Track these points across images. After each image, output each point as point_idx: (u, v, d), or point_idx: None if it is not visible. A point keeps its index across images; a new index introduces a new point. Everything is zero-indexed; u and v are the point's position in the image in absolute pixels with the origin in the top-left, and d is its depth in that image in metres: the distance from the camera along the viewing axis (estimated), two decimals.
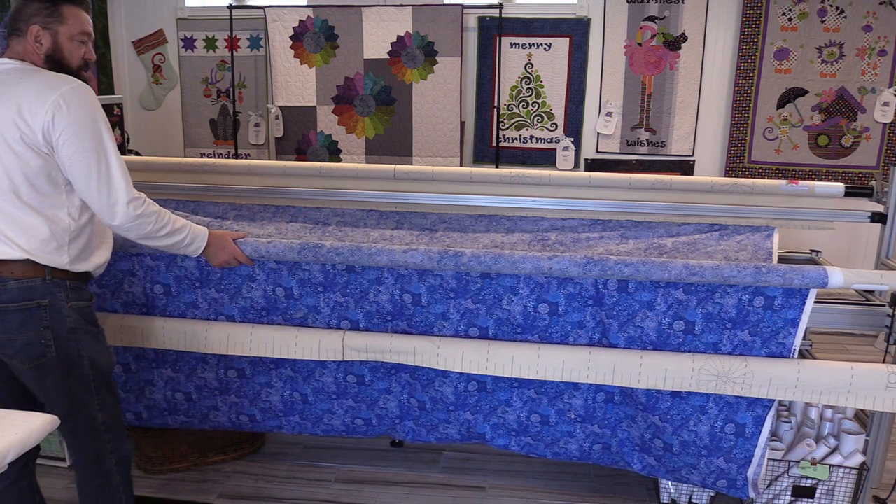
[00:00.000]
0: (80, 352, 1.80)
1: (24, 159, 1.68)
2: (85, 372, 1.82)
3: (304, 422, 2.38)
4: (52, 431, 1.84)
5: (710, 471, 2.16)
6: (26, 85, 1.69)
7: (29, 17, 1.77)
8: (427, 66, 4.33)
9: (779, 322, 1.99)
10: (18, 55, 1.78)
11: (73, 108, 1.68)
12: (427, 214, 2.57)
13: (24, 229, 1.71)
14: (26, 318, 1.74)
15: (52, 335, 1.76)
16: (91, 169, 1.71)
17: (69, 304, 1.78)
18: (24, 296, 1.73)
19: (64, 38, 1.79)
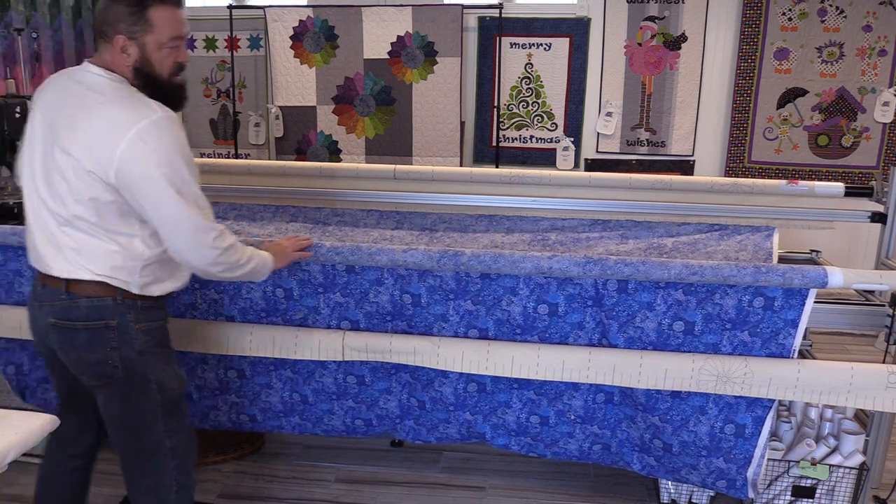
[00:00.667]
0: (147, 375, 1.73)
1: (96, 190, 1.58)
2: (152, 395, 1.75)
3: (304, 422, 2.38)
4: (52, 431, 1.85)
5: (709, 471, 2.16)
6: (105, 116, 1.57)
7: (114, 21, 1.61)
8: (427, 66, 4.33)
9: (779, 322, 1.99)
10: (106, 64, 1.65)
11: (149, 148, 1.55)
12: (427, 214, 2.58)
13: (95, 254, 1.64)
14: (94, 338, 1.69)
15: (119, 356, 1.70)
16: (174, 212, 1.60)
17: (138, 325, 1.71)
18: (93, 315, 1.67)
19: (152, 49, 1.64)
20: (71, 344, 1.71)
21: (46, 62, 3.95)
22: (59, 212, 1.63)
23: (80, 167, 1.57)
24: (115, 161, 1.54)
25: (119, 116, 1.56)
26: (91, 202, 1.59)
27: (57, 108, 1.65)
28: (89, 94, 1.60)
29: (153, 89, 1.65)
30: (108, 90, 1.60)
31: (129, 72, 1.64)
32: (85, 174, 1.57)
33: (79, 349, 1.71)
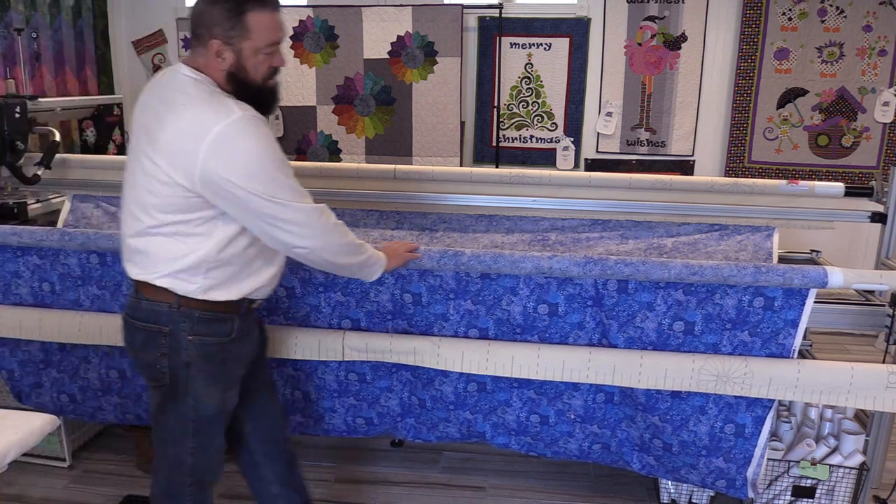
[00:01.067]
0: (187, 388, 1.70)
1: (171, 191, 1.55)
2: (186, 410, 1.71)
3: (305, 420, 2.38)
4: (52, 431, 1.85)
5: (709, 471, 2.16)
6: (185, 118, 1.53)
7: (210, 25, 1.56)
8: (427, 66, 4.33)
9: (779, 322, 1.99)
10: (199, 66, 1.61)
11: (233, 150, 1.51)
12: (427, 214, 2.57)
13: (164, 255, 1.62)
14: (148, 340, 1.69)
15: (167, 363, 1.68)
16: (272, 211, 1.56)
17: (192, 336, 1.67)
18: (150, 318, 1.67)
19: (248, 54, 1.59)
20: (130, 341, 1.74)
21: (46, 62, 3.95)
22: (138, 213, 1.62)
23: (164, 172, 1.55)
24: (199, 165, 1.51)
25: (198, 119, 1.52)
26: (173, 206, 1.57)
27: (149, 108, 1.64)
28: (177, 95, 1.58)
29: (245, 94, 1.61)
30: (193, 91, 1.57)
31: (222, 76, 1.60)
32: (169, 178, 1.54)
33: (135, 347, 1.73)
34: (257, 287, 1.73)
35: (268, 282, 1.77)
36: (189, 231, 1.60)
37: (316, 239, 1.65)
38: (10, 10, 3.64)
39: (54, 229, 2.27)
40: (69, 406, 2.46)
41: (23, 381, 2.44)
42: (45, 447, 2.63)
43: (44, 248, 2.26)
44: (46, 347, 2.38)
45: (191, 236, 1.60)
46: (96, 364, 2.37)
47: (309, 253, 1.67)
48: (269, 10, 1.59)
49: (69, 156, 2.80)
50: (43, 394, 2.45)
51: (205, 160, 1.50)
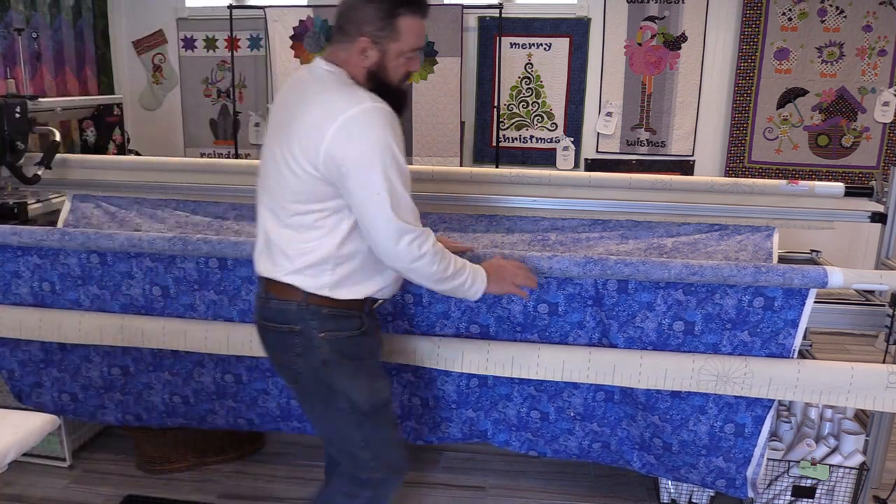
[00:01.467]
0: (333, 385, 1.68)
1: (299, 179, 1.56)
2: (341, 405, 1.70)
3: (303, 424, 2.38)
4: (52, 431, 1.85)
5: (709, 470, 2.16)
6: (319, 104, 1.55)
7: (360, 22, 1.58)
8: (427, 66, 4.33)
9: (779, 322, 1.99)
10: (338, 60, 1.62)
11: (356, 135, 1.51)
12: (428, 214, 2.57)
13: (292, 251, 1.61)
14: (280, 341, 1.68)
15: (303, 363, 1.67)
16: (370, 204, 1.53)
17: (322, 333, 1.64)
18: (279, 318, 1.66)
19: (392, 56, 1.61)
20: (265, 343, 1.74)
21: (46, 62, 3.95)
22: (270, 205, 1.63)
23: (293, 158, 1.55)
24: (323, 149, 1.51)
25: (330, 104, 1.54)
26: (301, 194, 1.57)
27: (284, 103, 1.66)
28: (311, 86, 1.60)
29: (380, 93, 1.60)
30: (327, 81, 1.60)
31: (363, 73, 1.61)
32: (297, 165, 1.55)
33: (270, 349, 1.73)
34: (382, 287, 1.72)
35: (392, 281, 1.75)
36: (314, 224, 1.59)
37: (388, 257, 1.60)
38: (10, 10, 3.64)
39: (54, 229, 2.27)
40: (70, 405, 2.46)
41: (23, 381, 2.44)
42: (45, 447, 2.63)
43: (44, 248, 2.27)
44: (47, 347, 2.38)
45: (316, 229, 1.59)
46: (98, 362, 2.38)
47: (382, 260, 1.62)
48: (420, 15, 1.61)
49: (69, 156, 2.80)
50: (43, 393, 2.45)
51: (329, 142, 1.50)
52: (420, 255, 1.58)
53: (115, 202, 2.69)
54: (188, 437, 2.63)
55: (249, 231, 2.59)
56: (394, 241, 1.56)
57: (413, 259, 1.58)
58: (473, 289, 1.73)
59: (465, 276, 1.70)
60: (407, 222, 1.56)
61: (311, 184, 1.56)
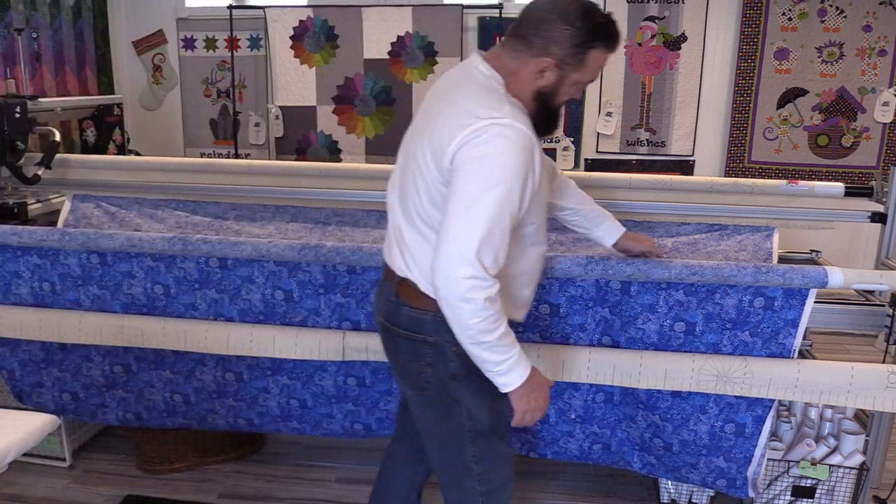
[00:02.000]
0: (458, 400, 1.62)
1: (431, 182, 1.48)
2: (462, 421, 1.63)
3: (302, 425, 2.38)
4: (52, 431, 1.85)
5: (709, 470, 2.16)
6: (458, 109, 1.46)
7: (550, 41, 1.47)
8: (427, 66, 4.33)
9: (779, 322, 1.99)
10: (505, 69, 1.51)
11: (481, 144, 1.39)
12: None
13: (423, 254, 1.53)
14: (412, 350, 1.61)
15: (432, 373, 1.60)
16: (454, 213, 1.40)
17: (455, 347, 1.53)
18: (413, 326, 1.59)
19: (569, 83, 1.52)
20: (391, 348, 1.69)
21: (46, 62, 3.95)
22: (405, 207, 1.57)
23: (424, 158, 1.49)
24: (450, 152, 1.43)
25: (469, 110, 1.44)
26: (431, 200, 1.50)
27: (433, 98, 1.60)
28: (459, 86, 1.53)
29: (540, 114, 1.53)
30: (477, 84, 1.50)
31: (530, 91, 1.51)
32: (426, 165, 1.49)
33: (397, 355, 1.68)
34: (516, 307, 1.65)
35: (524, 302, 1.69)
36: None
37: (438, 277, 1.42)
38: (10, 10, 3.64)
39: (54, 229, 2.27)
40: (71, 405, 2.46)
41: (24, 381, 2.44)
42: (45, 447, 2.63)
43: (44, 248, 2.26)
44: (47, 347, 2.38)
45: None
46: (99, 361, 2.37)
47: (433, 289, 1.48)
48: (609, 52, 1.54)
49: (69, 156, 2.80)
50: (44, 393, 2.45)
51: (457, 146, 1.42)
52: (469, 299, 1.39)
53: (115, 202, 2.69)
54: (188, 437, 2.63)
55: (249, 231, 2.59)
56: (455, 265, 1.39)
57: (460, 298, 1.39)
58: (507, 377, 1.50)
59: (505, 358, 1.48)
60: (481, 261, 1.39)
61: (437, 189, 1.47)
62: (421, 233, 1.54)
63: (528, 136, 1.43)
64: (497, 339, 1.45)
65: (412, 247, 1.56)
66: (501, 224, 1.41)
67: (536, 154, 1.46)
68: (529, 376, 1.52)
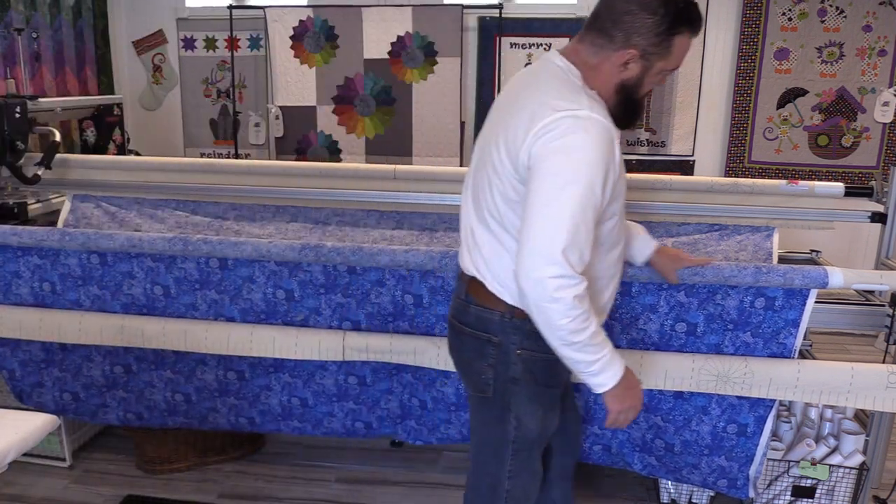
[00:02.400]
0: (510, 405, 1.58)
1: (509, 184, 1.44)
2: (507, 428, 1.60)
3: (303, 424, 2.38)
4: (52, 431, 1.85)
5: (711, 470, 2.16)
6: (534, 102, 1.42)
7: (633, 32, 1.42)
8: (427, 66, 4.33)
9: (780, 322, 1.99)
10: (584, 64, 1.47)
11: (559, 137, 1.35)
12: (427, 214, 2.57)
13: (493, 253, 1.51)
14: (476, 349, 1.59)
15: (493, 375, 1.58)
16: (535, 211, 1.36)
17: (520, 350, 1.54)
18: (479, 325, 1.57)
19: (654, 72, 1.47)
20: (456, 346, 1.67)
21: (46, 62, 3.95)
22: (478, 206, 1.55)
23: (499, 155, 1.46)
24: (525, 147, 1.39)
25: (544, 103, 1.40)
26: (504, 198, 1.47)
27: (506, 97, 1.58)
28: (535, 81, 1.49)
29: (623, 106, 1.49)
30: (554, 77, 1.47)
31: (612, 84, 1.47)
32: (500, 163, 1.46)
33: (461, 353, 1.66)
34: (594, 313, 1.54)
35: (601, 308, 1.60)
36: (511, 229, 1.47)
37: (524, 280, 1.38)
38: (10, 10, 3.64)
39: (55, 229, 2.27)
40: (72, 405, 2.46)
41: (24, 381, 2.44)
42: (45, 447, 2.63)
43: (44, 249, 2.26)
44: (48, 347, 2.38)
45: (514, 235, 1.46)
46: (100, 361, 2.38)
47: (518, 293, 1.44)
48: (694, 35, 1.49)
49: (69, 156, 2.80)
50: (44, 393, 2.45)
51: (533, 140, 1.38)
52: (558, 298, 1.35)
53: (115, 202, 2.69)
54: (188, 437, 2.63)
55: (249, 231, 2.59)
56: (541, 265, 1.35)
57: (549, 298, 1.35)
58: (600, 377, 1.46)
59: (598, 357, 1.43)
60: (567, 258, 1.34)
61: (513, 186, 1.44)
62: (492, 231, 1.51)
63: (607, 128, 1.40)
64: (588, 338, 1.41)
65: (482, 246, 1.54)
66: (585, 219, 1.36)
67: (616, 146, 1.43)
68: (623, 375, 1.48)
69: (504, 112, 1.52)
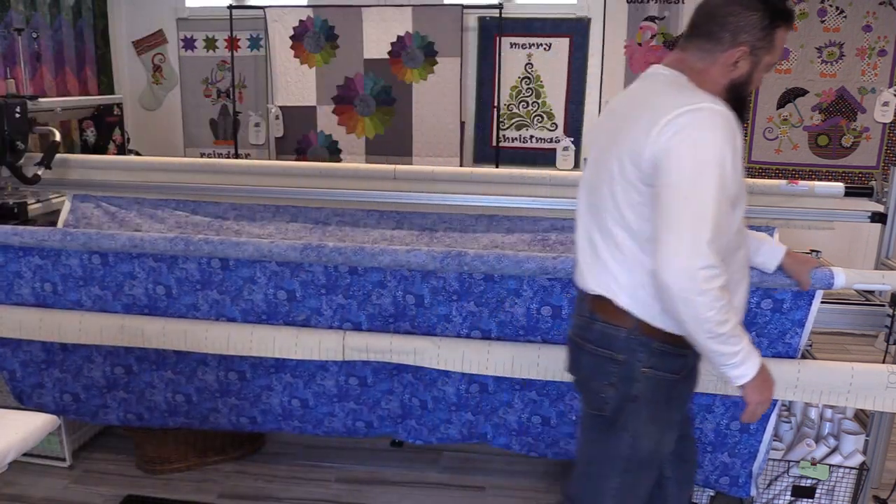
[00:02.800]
0: (626, 423, 1.55)
1: (632, 187, 1.44)
2: (620, 447, 1.57)
3: (304, 424, 2.38)
4: (52, 431, 1.85)
5: (714, 467, 2.17)
6: (650, 105, 1.44)
7: (738, 30, 1.45)
8: (427, 66, 4.33)
9: (786, 323, 2.00)
10: (692, 69, 1.50)
11: (683, 130, 1.36)
12: (427, 214, 2.57)
13: (622, 266, 1.49)
14: (596, 367, 1.57)
15: (613, 393, 1.54)
16: (672, 206, 1.36)
17: (644, 368, 1.51)
18: (603, 342, 1.54)
19: (762, 68, 1.50)
20: (577, 364, 1.65)
21: (46, 62, 3.95)
22: (601, 222, 1.53)
23: (625, 165, 1.45)
24: (650, 148, 1.39)
25: (661, 104, 1.42)
26: (632, 206, 1.46)
27: (613, 113, 1.59)
28: (649, 90, 1.52)
29: (731, 105, 1.47)
30: (663, 83, 1.50)
31: (723, 84, 1.49)
32: (625, 172, 1.45)
33: (580, 371, 1.63)
34: None
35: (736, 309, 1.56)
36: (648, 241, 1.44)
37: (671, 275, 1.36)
38: (10, 10, 3.64)
39: (56, 229, 2.27)
40: (72, 405, 2.46)
41: (24, 382, 2.44)
42: (45, 447, 2.62)
43: (45, 249, 2.26)
44: (48, 347, 2.38)
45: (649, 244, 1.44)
46: (100, 362, 2.38)
47: (660, 291, 1.42)
48: (790, 28, 1.51)
49: (69, 156, 2.80)
50: (45, 394, 2.45)
51: (655, 138, 1.38)
52: (705, 290, 1.35)
53: (115, 202, 2.69)
54: (188, 437, 2.63)
55: (249, 231, 2.59)
56: (688, 257, 1.34)
57: (697, 290, 1.34)
58: (741, 368, 1.45)
59: (739, 348, 1.43)
60: (711, 249, 1.35)
61: (640, 190, 1.44)
62: (618, 244, 1.50)
63: (728, 117, 1.41)
64: (731, 329, 1.40)
65: (608, 261, 1.52)
66: (721, 210, 1.37)
67: (738, 137, 1.43)
68: (761, 366, 1.48)
69: (619, 124, 1.52)
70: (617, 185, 1.48)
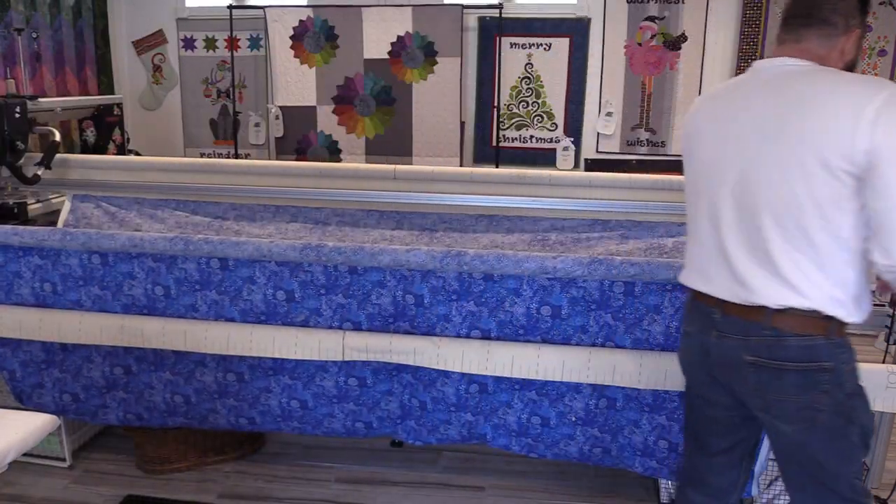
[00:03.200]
0: (852, 418, 1.52)
1: (814, 183, 1.38)
2: (852, 440, 1.54)
3: (303, 425, 2.38)
4: (52, 431, 1.85)
5: None
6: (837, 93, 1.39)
7: (847, 13, 1.48)
8: (427, 66, 4.33)
9: None
10: (815, 56, 1.48)
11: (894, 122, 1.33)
12: (427, 214, 2.57)
13: (811, 271, 1.43)
14: (805, 381, 1.49)
15: (827, 400, 1.49)
16: None
17: (847, 366, 1.50)
18: (805, 356, 1.47)
19: (858, 52, 1.53)
20: (772, 386, 1.52)
21: (46, 62, 3.95)
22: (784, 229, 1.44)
23: (812, 165, 1.39)
24: (861, 138, 1.34)
25: (849, 95, 1.37)
26: (811, 201, 1.40)
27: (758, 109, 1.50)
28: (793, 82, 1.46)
29: None
30: (820, 72, 1.46)
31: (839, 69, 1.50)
32: (815, 172, 1.38)
33: (782, 391, 1.52)
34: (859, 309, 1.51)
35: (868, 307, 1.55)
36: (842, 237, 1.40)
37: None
38: (10, 10, 3.64)
39: (56, 229, 2.27)
40: (72, 405, 2.46)
41: (24, 382, 2.44)
42: (45, 447, 2.62)
43: (45, 249, 2.26)
44: (48, 347, 2.38)
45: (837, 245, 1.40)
46: (100, 362, 2.38)
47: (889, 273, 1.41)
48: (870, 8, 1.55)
49: (69, 156, 2.80)
50: (45, 394, 2.45)
51: (867, 127, 1.34)
52: None
53: (115, 202, 2.69)
54: (188, 437, 2.63)
55: (249, 231, 2.59)
56: None
57: None
58: None
59: None
60: None
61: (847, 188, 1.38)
62: (814, 244, 1.43)
63: None
64: None
65: (796, 265, 1.44)
66: None
67: None
68: None
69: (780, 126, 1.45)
70: (816, 182, 1.39)
